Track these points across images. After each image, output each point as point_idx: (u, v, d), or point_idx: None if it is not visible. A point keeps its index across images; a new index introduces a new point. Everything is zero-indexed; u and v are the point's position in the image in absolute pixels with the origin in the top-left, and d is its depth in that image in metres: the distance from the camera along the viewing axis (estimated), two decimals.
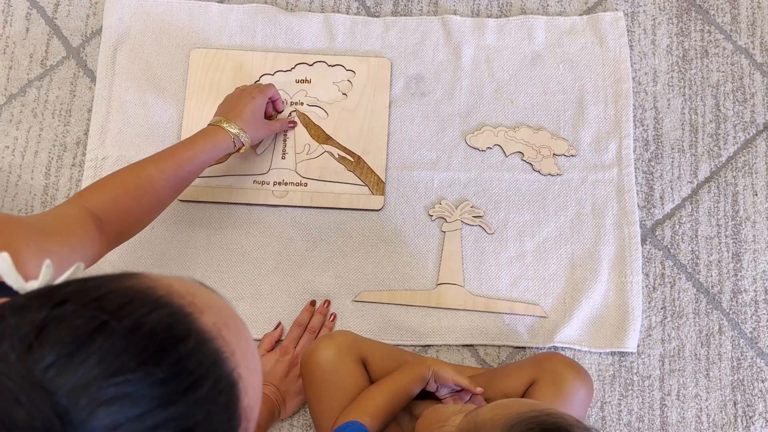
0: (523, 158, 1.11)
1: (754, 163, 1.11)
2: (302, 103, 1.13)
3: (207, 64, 1.14)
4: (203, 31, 1.16)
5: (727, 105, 1.14)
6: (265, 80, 1.14)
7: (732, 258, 1.08)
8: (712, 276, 1.08)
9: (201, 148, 0.92)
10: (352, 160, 1.11)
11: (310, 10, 1.18)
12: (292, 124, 1.11)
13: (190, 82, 1.13)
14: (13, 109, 1.14)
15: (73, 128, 1.13)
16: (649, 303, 1.07)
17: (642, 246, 1.08)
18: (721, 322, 1.06)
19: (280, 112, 1.12)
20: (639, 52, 1.16)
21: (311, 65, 1.14)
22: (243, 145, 0.98)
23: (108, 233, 0.82)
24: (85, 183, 1.10)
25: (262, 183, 1.10)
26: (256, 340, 1.05)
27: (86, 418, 0.35)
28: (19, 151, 1.12)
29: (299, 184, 1.10)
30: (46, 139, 1.13)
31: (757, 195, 1.10)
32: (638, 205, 1.10)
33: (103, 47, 1.15)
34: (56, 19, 1.18)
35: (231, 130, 0.96)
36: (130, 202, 0.84)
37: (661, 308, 1.07)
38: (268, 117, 1.08)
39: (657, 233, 1.09)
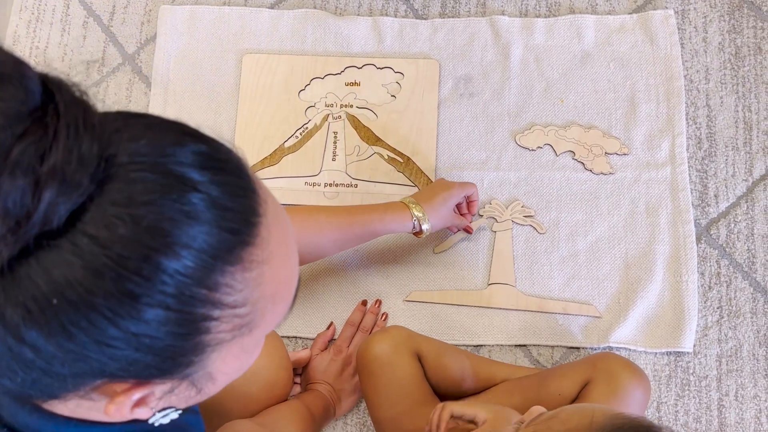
0: (575, 157, 1.11)
1: None
2: (352, 106, 1.15)
3: (259, 68, 1.16)
4: (255, 36, 1.18)
5: None
6: (316, 84, 1.15)
7: None
8: None
9: (378, 217, 0.92)
10: (401, 161, 1.12)
11: (358, 14, 1.19)
12: (469, 231, 1.07)
13: (242, 87, 1.16)
14: None
15: None
16: (705, 302, 1.05)
17: (697, 245, 1.07)
18: None
19: (473, 215, 1.06)
20: (690, 49, 1.15)
21: (360, 68, 1.16)
22: (422, 231, 0.95)
23: None
24: None
25: (314, 185, 1.12)
26: (309, 340, 1.07)
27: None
28: None
29: (350, 185, 1.11)
30: None
31: None
32: (692, 204, 1.08)
33: (157, 53, 1.18)
34: (112, 26, 1.21)
35: (415, 212, 0.94)
36: (299, 235, 0.83)
37: (717, 308, 1.05)
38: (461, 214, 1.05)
39: (712, 232, 1.08)
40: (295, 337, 1.08)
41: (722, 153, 1.11)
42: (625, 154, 1.11)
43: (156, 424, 0.50)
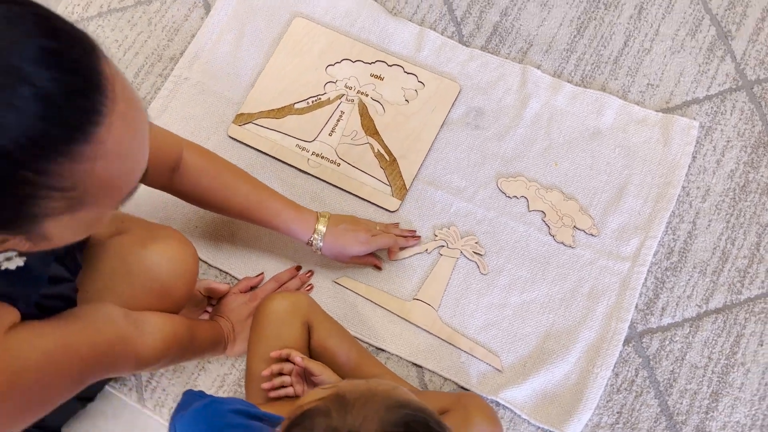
0: (544, 218, 1.12)
1: None
2: (367, 95, 1.20)
3: (304, 33, 1.25)
4: (313, 5, 1.27)
5: None
6: (345, 65, 1.22)
7: (710, 396, 1.02)
8: (682, 404, 1.02)
9: (289, 217, 0.99)
10: (388, 159, 1.17)
11: (411, 20, 1.26)
12: (377, 268, 1.10)
13: (282, 42, 1.24)
14: (135, 13, 1.29)
15: (174, 45, 1.27)
16: (607, 402, 1.03)
17: (623, 346, 1.05)
18: None
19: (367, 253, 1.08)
20: (700, 165, 1.14)
21: (390, 66, 1.22)
22: (311, 245, 1.01)
23: (174, 181, 0.91)
24: (162, 96, 1.22)
25: (303, 149, 1.18)
26: (236, 279, 1.12)
27: None
28: (124, 48, 1.27)
29: (333, 162, 1.17)
30: (149, 46, 1.27)
31: (762, 346, 1.04)
32: (636, 306, 1.07)
33: None
34: None
35: (318, 225, 1.00)
36: (210, 183, 0.94)
37: (617, 412, 1.03)
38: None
39: (644, 340, 1.06)
40: (227, 273, 1.13)
41: (688, 272, 1.09)
42: (592, 235, 1.10)
43: (2, 268, 0.55)
